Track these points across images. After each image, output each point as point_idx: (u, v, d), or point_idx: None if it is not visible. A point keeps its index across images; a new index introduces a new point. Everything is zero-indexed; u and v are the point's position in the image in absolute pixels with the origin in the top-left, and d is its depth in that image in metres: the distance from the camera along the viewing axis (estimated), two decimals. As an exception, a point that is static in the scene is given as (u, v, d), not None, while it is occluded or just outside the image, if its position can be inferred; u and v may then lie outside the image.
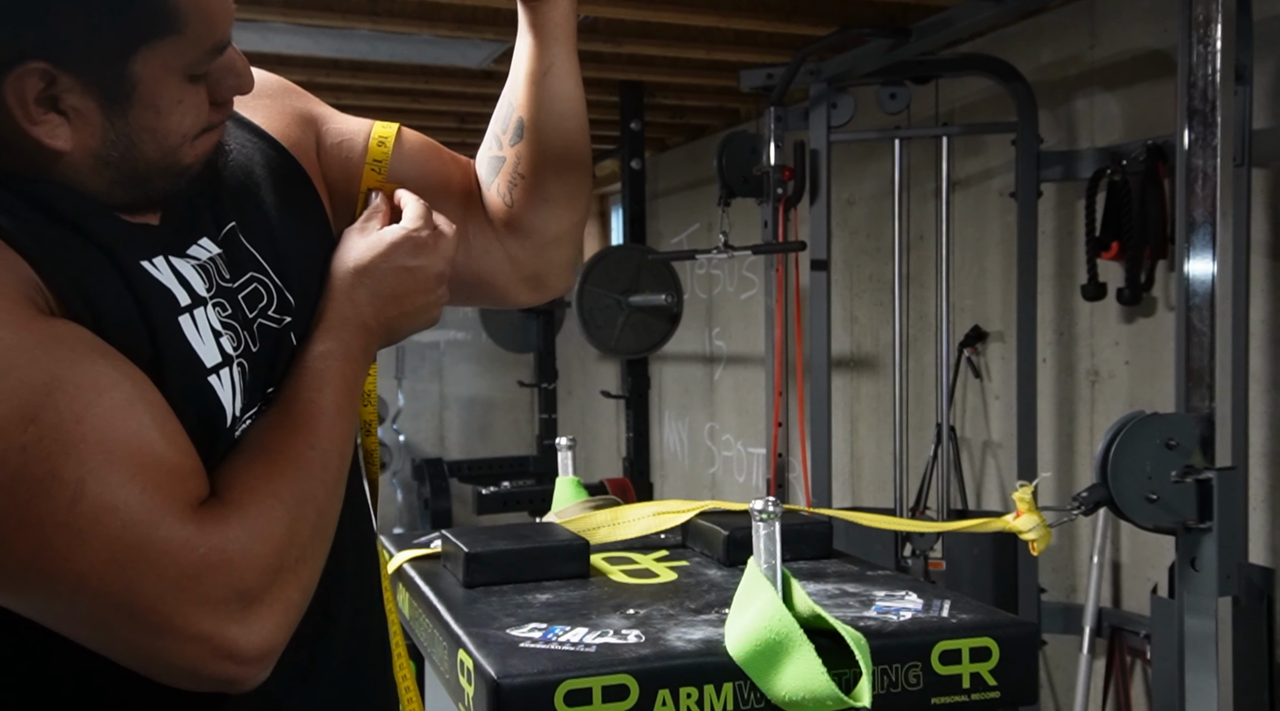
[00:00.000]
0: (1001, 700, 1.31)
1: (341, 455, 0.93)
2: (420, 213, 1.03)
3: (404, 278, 0.99)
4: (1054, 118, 3.31)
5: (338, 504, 0.92)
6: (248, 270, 0.96)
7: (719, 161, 3.42)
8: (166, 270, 0.88)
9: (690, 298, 4.95)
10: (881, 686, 1.25)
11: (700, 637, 1.29)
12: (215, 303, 0.91)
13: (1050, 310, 3.35)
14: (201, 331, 0.88)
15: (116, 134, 0.85)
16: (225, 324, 0.91)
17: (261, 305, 0.96)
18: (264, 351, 0.95)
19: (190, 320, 0.88)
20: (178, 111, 0.86)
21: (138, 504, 0.77)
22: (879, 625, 1.32)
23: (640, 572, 1.63)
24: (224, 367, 0.90)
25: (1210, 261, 1.77)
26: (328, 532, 0.90)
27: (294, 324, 0.98)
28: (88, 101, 0.82)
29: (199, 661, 0.79)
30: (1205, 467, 1.73)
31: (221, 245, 0.95)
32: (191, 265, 0.91)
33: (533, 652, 1.24)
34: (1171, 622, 1.92)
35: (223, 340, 0.90)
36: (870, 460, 4.26)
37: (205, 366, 0.88)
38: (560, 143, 1.12)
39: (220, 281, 0.93)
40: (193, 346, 0.87)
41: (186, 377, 0.87)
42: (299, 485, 0.87)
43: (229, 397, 0.90)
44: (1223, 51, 1.74)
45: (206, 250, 0.93)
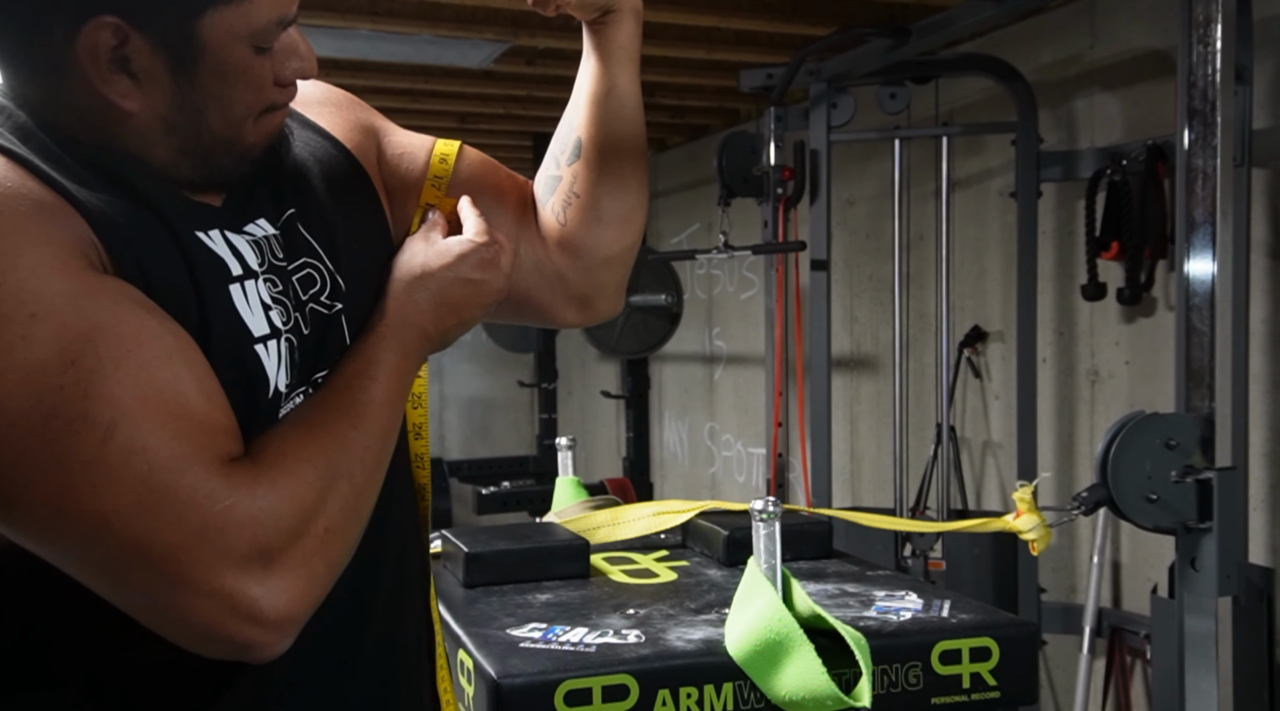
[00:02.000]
0: (1001, 700, 1.31)
1: (383, 444, 0.92)
2: (482, 228, 1.03)
3: (465, 289, 1.00)
4: (1054, 118, 3.31)
5: (373, 492, 0.90)
6: (301, 255, 0.96)
7: (719, 161, 3.42)
8: (221, 242, 0.89)
9: (690, 298, 4.95)
10: (881, 686, 1.25)
11: (700, 637, 1.29)
12: (266, 278, 0.92)
13: (1050, 310, 3.35)
14: (251, 302, 0.89)
15: (183, 99, 0.86)
16: (275, 299, 0.92)
17: (314, 290, 0.96)
18: (314, 335, 0.95)
19: (240, 290, 0.89)
20: (242, 81, 0.88)
21: (166, 450, 0.77)
22: (879, 625, 1.32)
23: (640, 572, 1.63)
24: (271, 339, 0.90)
25: (1210, 261, 1.77)
26: (361, 515, 0.88)
27: (345, 310, 0.98)
28: (156, 63, 0.84)
29: (216, 619, 0.77)
30: (1205, 467, 1.73)
31: (279, 229, 0.96)
32: (246, 241, 0.92)
33: (533, 652, 1.24)
34: (1171, 622, 1.92)
35: (272, 313, 0.91)
36: (870, 460, 4.26)
37: (253, 335, 0.89)
38: (617, 164, 1.13)
39: (273, 259, 0.93)
40: (240, 315, 0.88)
41: (232, 343, 0.87)
42: (336, 459, 0.86)
43: (274, 368, 0.90)
44: (1223, 51, 1.74)
45: (262, 229, 0.94)
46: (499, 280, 1.02)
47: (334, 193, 1.02)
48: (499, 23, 3.48)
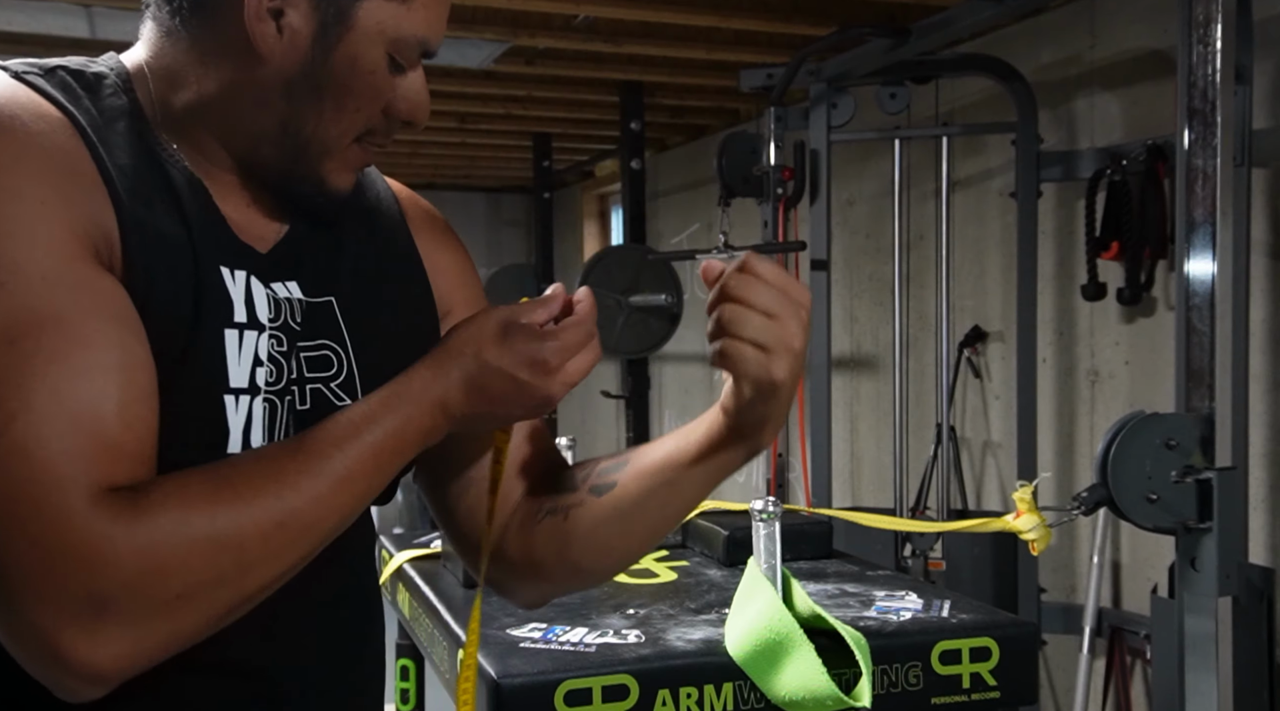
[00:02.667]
0: (1001, 700, 1.31)
1: (332, 513, 0.81)
2: (583, 324, 0.90)
3: (508, 384, 0.86)
4: (1054, 118, 3.31)
5: (278, 579, 0.80)
6: (324, 336, 0.92)
7: (719, 161, 3.42)
8: (241, 284, 0.86)
9: (690, 298, 4.95)
10: (881, 686, 1.25)
11: (700, 637, 1.29)
12: (273, 334, 0.87)
13: (1050, 310, 3.35)
14: (243, 351, 0.85)
15: (313, 71, 0.85)
16: (271, 357, 0.87)
17: (327, 374, 0.92)
18: (313, 414, 0.88)
19: (237, 336, 0.85)
20: (366, 81, 0.87)
21: (54, 462, 0.73)
22: (879, 625, 1.32)
23: (640, 572, 1.63)
24: (246, 394, 0.85)
25: (1210, 261, 1.77)
26: (244, 595, 0.78)
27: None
28: (307, 25, 0.84)
29: (30, 649, 0.72)
30: (1205, 467, 1.73)
31: (309, 299, 0.92)
32: (267, 294, 0.88)
33: (533, 652, 1.25)
34: (1171, 622, 1.92)
35: (259, 370, 0.86)
36: (870, 460, 4.26)
37: (228, 384, 0.85)
38: (627, 537, 1.00)
39: (290, 321, 0.89)
40: (226, 359, 0.84)
41: (205, 384, 0.84)
42: (239, 524, 0.76)
43: (239, 423, 0.85)
44: (1223, 51, 1.74)
45: (289, 291, 0.90)
46: (550, 389, 0.87)
47: (388, 309, 0.97)
48: (499, 23, 3.48)
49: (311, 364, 0.91)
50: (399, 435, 0.84)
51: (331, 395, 0.91)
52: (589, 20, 3.51)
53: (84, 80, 0.86)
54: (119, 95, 0.86)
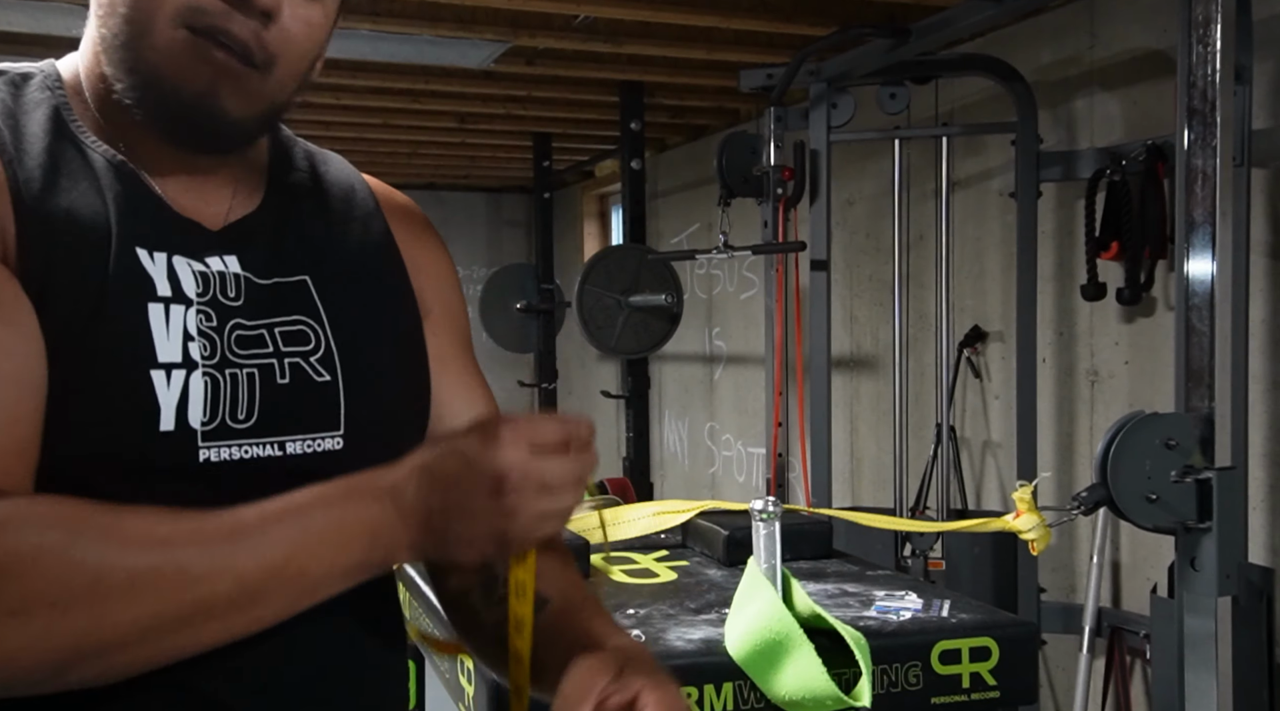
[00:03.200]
0: (1001, 700, 1.31)
1: (212, 593, 0.73)
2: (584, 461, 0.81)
3: (471, 489, 0.78)
4: (1054, 118, 3.31)
5: (154, 637, 0.72)
6: (298, 311, 0.89)
7: (719, 161, 3.42)
8: (162, 263, 0.84)
9: (690, 298, 4.95)
10: (881, 686, 1.26)
11: (700, 637, 1.29)
12: (200, 310, 0.84)
13: (1050, 310, 3.35)
14: (171, 326, 0.82)
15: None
16: (201, 331, 0.84)
17: (307, 348, 0.89)
18: (292, 387, 0.87)
19: (162, 310, 0.82)
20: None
21: None
22: (879, 625, 1.32)
23: (640, 572, 1.63)
24: (179, 369, 0.81)
25: (1210, 261, 1.77)
26: (99, 638, 0.71)
27: (343, 388, 0.90)
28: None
29: None
30: (1205, 467, 1.73)
31: (257, 277, 0.89)
32: (194, 271, 0.85)
33: (533, 652, 1.24)
34: (1171, 622, 1.92)
35: (191, 345, 0.82)
36: (870, 460, 4.26)
37: (156, 359, 0.81)
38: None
39: (219, 296, 0.86)
40: (152, 334, 0.81)
41: (130, 360, 0.80)
42: (105, 555, 0.70)
43: (172, 400, 0.80)
44: (1223, 51, 1.74)
45: (226, 266, 0.87)
46: (518, 514, 0.78)
47: (365, 292, 0.95)
48: (499, 23, 3.48)
49: (288, 338, 0.88)
50: (339, 524, 0.77)
51: (310, 369, 0.88)
52: (589, 20, 3.51)
53: (9, 78, 0.86)
54: (42, 91, 0.86)
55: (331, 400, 0.89)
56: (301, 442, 0.87)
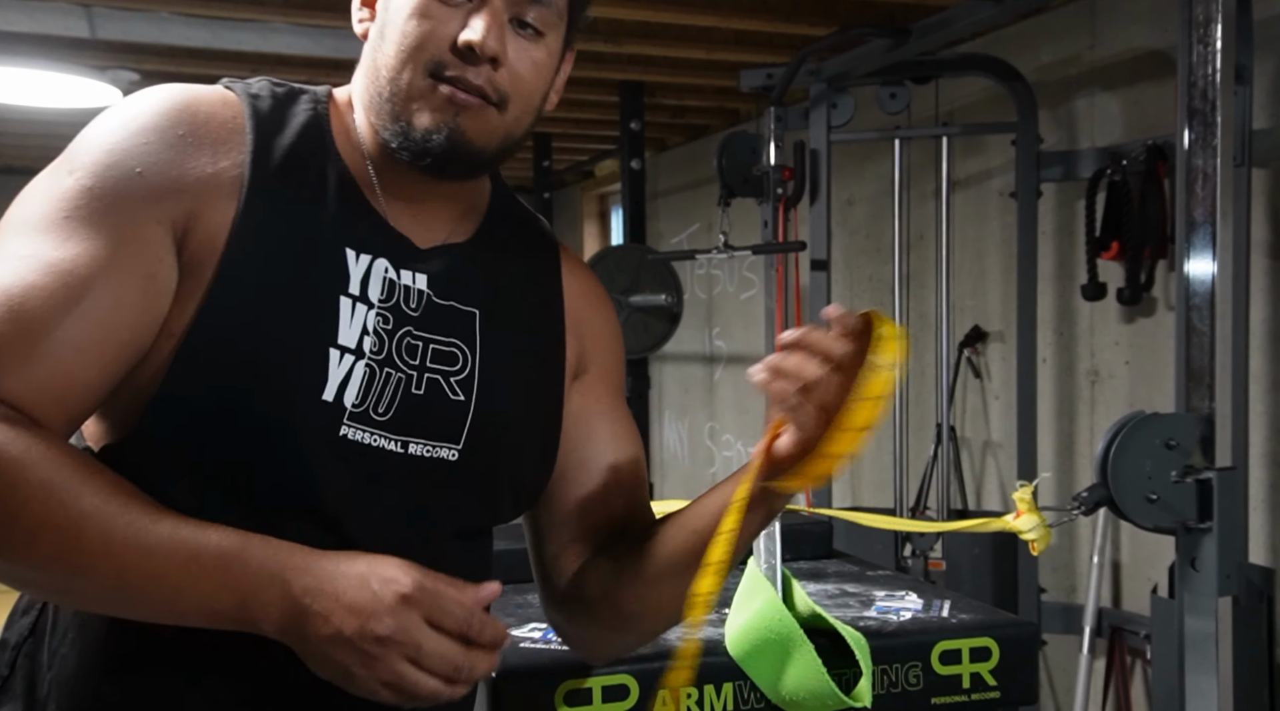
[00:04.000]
0: (1001, 700, 1.31)
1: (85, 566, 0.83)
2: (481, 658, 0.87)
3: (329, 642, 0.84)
4: (1054, 118, 3.31)
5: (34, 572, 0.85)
6: (458, 335, 1.02)
7: (719, 161, 3.42)
8: (363, 265, 0.98)
9: (690, 298, 4.94)
10: (881, 686, 1.25)
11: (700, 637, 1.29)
12: (380, 312, 0.98)
13: (1050, 310, 3.35)
14: (354, 319, 0.95)
15: (378, 27, 1.00)
16: (378, 331, 0.97)
17: (450, 368, 1.01)
18: (425, 399, 0.99)
19: (350, 304, 0.96)
20: (411, 19, 0.96)
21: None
22: (879, 625, 1.32)
23: (640, 572, 1.63)
24: (350, 354, 0.95)
25: (1210, 261, 1.77)
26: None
27: (472, 411, 1.01)
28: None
29: None
30: (1205, 467, 1.73)
31: (439, 300, 1.02)
32: (386, 278, 0.99)
33: (533, 652, 1.25)
34: (1171, 622, 1.92)
35: (366, 338, 0.96)
36: (870, 460, 4.26)
37: (336, 339, 0.94)
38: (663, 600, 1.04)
39: (402, 304, 0.99)
40: (339, 320, 0.95)
41: (316, 337, 0.94)
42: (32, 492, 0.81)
43: (339, 377, 0.94)
44: (1223, 51, 1.74)
45: (415, 282, 1.01)
46: (360, 675, 0.83)
47: (524, 341, 1.07)
48: (499, 23, 3.48)
49: (438, 356, 1.00)
50: (223, 577, 0.84)
51: (447, 387, 1.00)
52: (589, 20, 3.50)
53: (280, 92, 1.02)
54: (308, 109, 1.02)
55: (459, 417, 1.01)
56: (423, 446, 0.98)
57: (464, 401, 1.01)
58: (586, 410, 1.12)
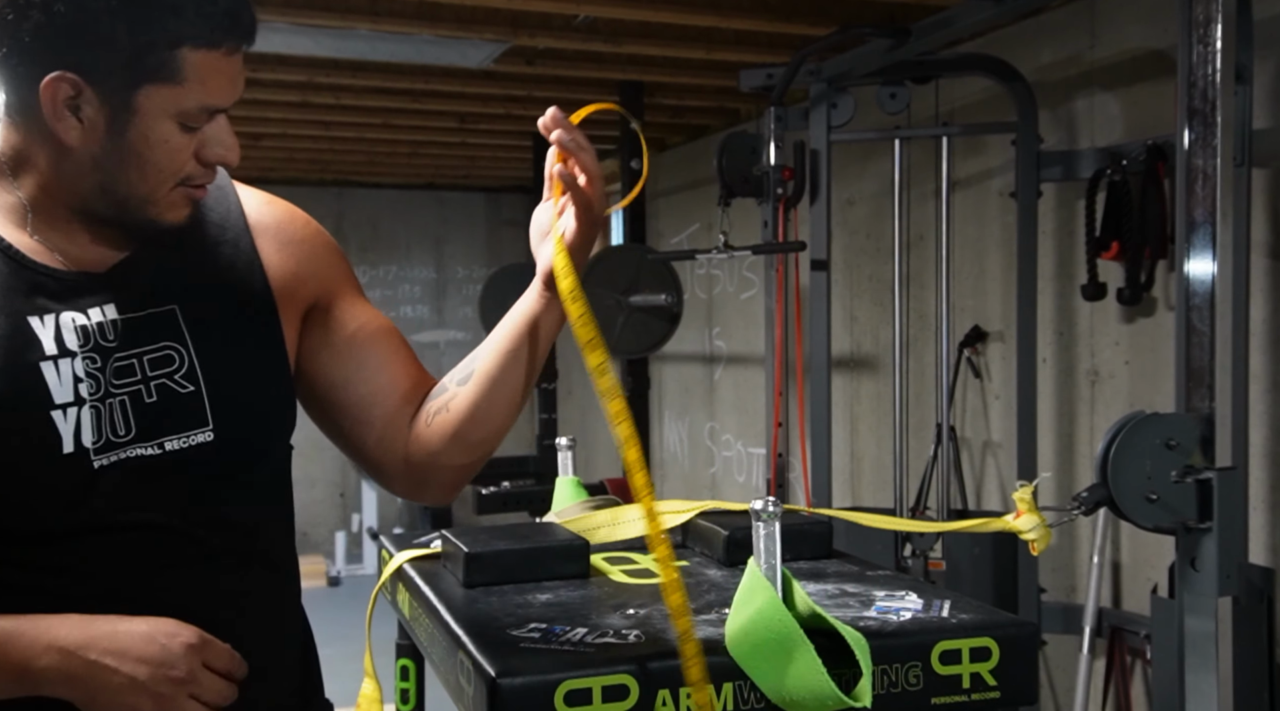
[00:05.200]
0: (1001, 700, 1.31)
1: None
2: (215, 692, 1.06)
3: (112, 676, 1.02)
4: (1054, 118, 3.31)
5: None
6: (165, 339, 1.13)
7: (719, 161, 3.42)
8: (51, 326, 1.09)
9: (690, 298, 4.94)
10: (881, 686, 1.25)
11: (700, 637, 1.29)
12: (86, 356, 1.10)
13: (1050, 310, 3.35)
14: (62, 374, 1.08)
15: (113, 147, 1.06)
16: (90, 374, 1.09)
17: (170, 369, 1.13)
18: (160, 403, 1.12)
19: (52, 365, 1.08)
20: (164, 149, 1.07)
21: None
22: (879, 625, 1.32)
23: (640, 572, 1.63)
24: (73, 406, 1.08)
25: (1210, 261, 1.77)
26: None
27: (206, 396, 1.14)
28: (99, 116, 1.05)
29: None
30: (1205, 467, 1.73)
31: (138, 315, 1.13)
32: (75, 326, 1.10)
33: (533, 652, 1.24)
34: (1171, 622, 1.92)
35: (81, 385, 1.09)
36: (870, 460, 4.26)
37: (54, 402, 1.07)
38: (493, 406, 1.27)
39: (100, 340, 1.11)
40: (48, 385, 1.07)
41: (34, 405, 1.06)
42: None
43: (70, 431, 1.07)
44: (1223, 51, 1.74)
45: (104, 315, 1.12)
46: (145, 708, 1.02)
47: (229, 308, 1.18)
48: (499, 23, 3.48)
49: (154, 363, 1.12)
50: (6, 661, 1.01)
51: (175, 385, 1.13)
52: (589, 20, 3.51)
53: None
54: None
55: (198, 404, 1.13)
56: (178, 440, 1.12)
57: (195, 390, 1.14)
58: (339, 324, 1.27)
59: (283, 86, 4.14)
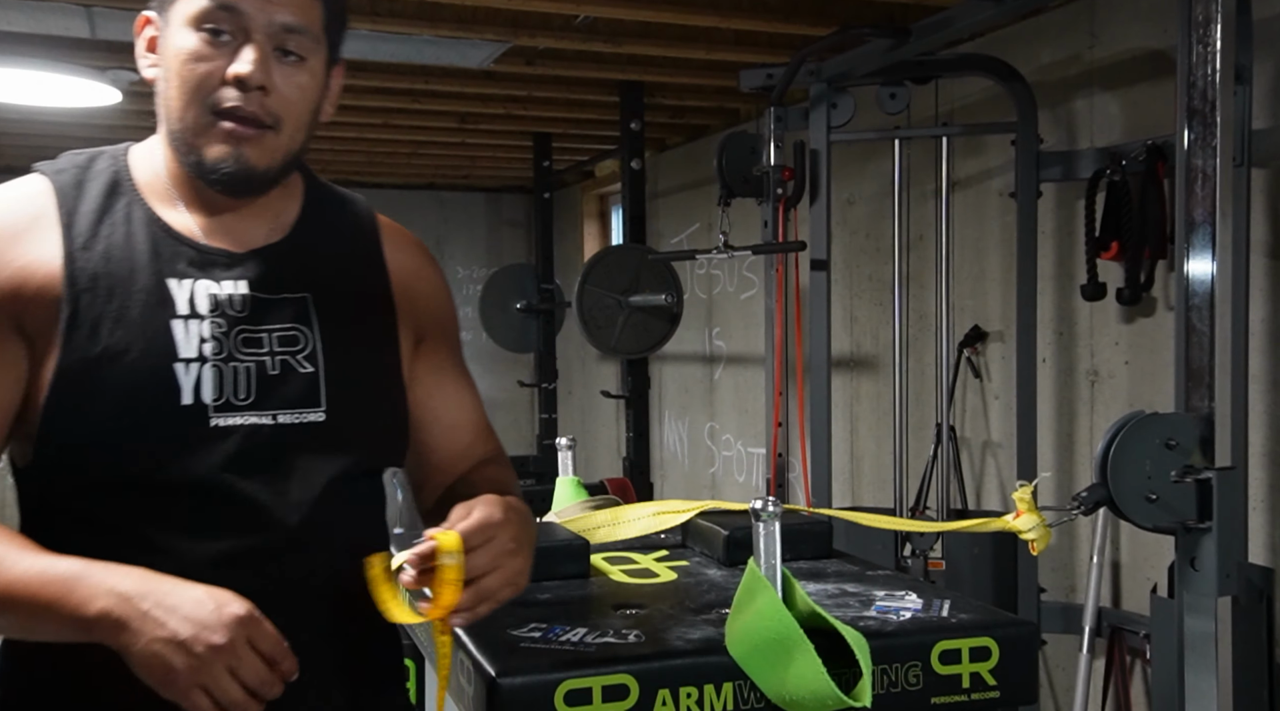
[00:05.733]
0: (1001, 700, 1.31)
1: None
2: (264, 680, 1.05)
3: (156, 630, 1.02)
4: (1054, 118, 3.31)
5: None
6: (296, 321, 1.21)
7: (719, 161, 3.42)
8: (186, 288, 1.17)
9: (690, 298, 4.94)
10: (881, 686, 1.25)
11: (700, 637, 1.29)
12: (212, 321, 1.17)
13: (1050, 310, 3.35)
14: (190, 333, 1.15)
15: (163, 73, 1.17)
16: (215, 336, 1.17)
17: (295, 348, 1.20)
18: (280, 377, 1.18)
19: (182, 324, 1.16)
20: (184, 59, 1.14)
21: None
22: (879, 625, 1.32)
23: (640, 572, 1.63)
24: (194, 364, 1.15)
25: (1210, 261, 1.77)
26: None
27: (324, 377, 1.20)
28: (161, 45, 1.18)
29: None
30: (1205, 467, 1.73)
31: (265, 295, 1.20)
32: (209, 292, 1.18)
33: (533, 652, 1.25)
34: (1171, 622, 1.92)
35: (206, 345, 1.16)
36: (870, 460, 4.26)
37: (177, 355, 1.14)
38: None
39: (233, 313, 1.18)
40: (174, 339, 1.15)
41: (160, 357, 1.13)
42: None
43: (190, 383, 1.14)
44: (1223, 51, 1.74)
45: (236, 289, 1.19)
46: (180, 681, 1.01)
47: (356, 309, 1.26)
48: (499, 23, 3.48)
49: (282, 340, 1.20)
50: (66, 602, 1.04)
51: (297, 364, 1.20)
52: (589, 20, 3.51)
53: (80, 160, 1.21)
54: (108, 167, 1.21)
55: (314, 385, 1.20)
56: (291, 414, 1.18)
57: (313, 372, 1.20)
58: (429, 371, 1.32)
59: (283, 86, 4.13)
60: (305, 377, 1.19)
